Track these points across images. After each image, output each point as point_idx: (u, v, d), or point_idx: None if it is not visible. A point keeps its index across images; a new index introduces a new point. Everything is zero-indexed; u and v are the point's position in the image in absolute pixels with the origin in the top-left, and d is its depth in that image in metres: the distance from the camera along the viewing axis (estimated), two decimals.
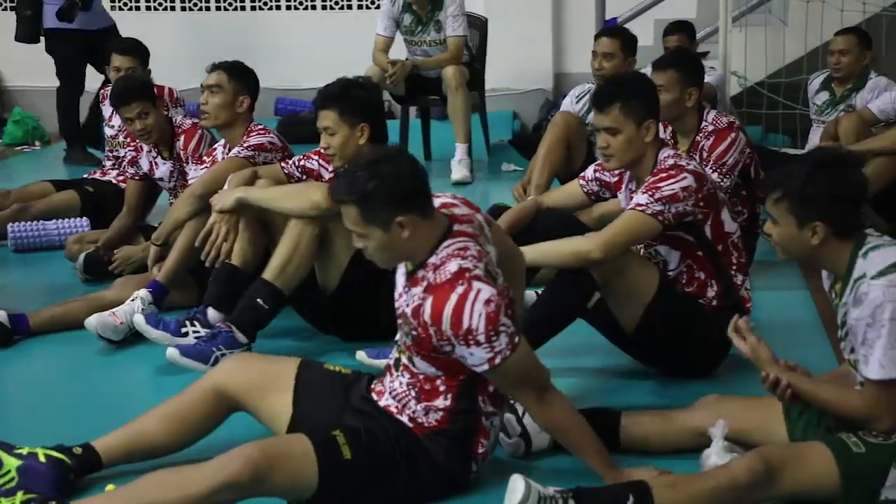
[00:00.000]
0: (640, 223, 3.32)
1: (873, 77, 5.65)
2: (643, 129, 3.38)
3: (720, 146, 4.27)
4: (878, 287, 2.54)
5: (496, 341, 2.54)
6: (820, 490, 2.55)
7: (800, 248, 2.69)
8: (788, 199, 2.64)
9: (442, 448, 2.71)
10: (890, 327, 2.52)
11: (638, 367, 3.59)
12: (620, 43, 5.27)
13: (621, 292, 3.34)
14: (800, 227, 2.65)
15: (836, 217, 2.63)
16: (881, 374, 2.55)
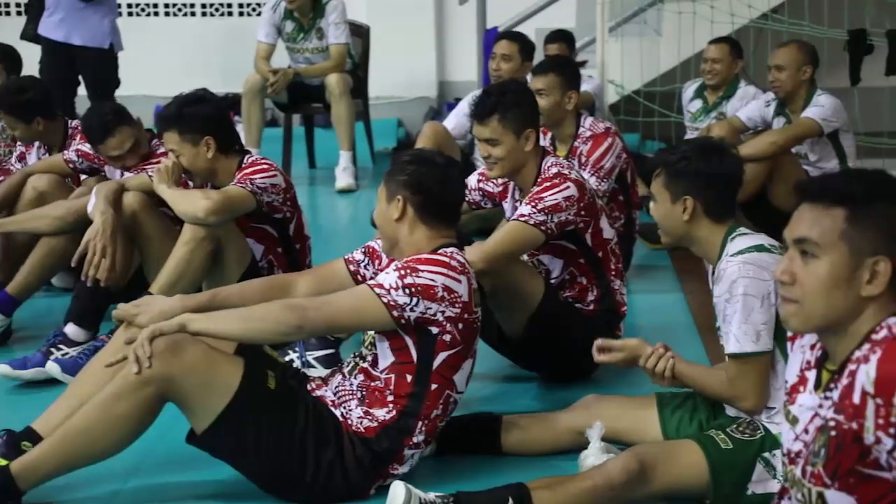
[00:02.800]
0: (523, 234, 3.38)
1: (742, 86, 5.85)
2: (522, 139, 3.44)
3: (597, 150, 4.37)
4: (734, 263, 2.65)
5: None
6: (691, 486, 2.63)
7: (674, 225, 2.79)
8: (664, 174, 2.78)
9: (356, 456, 2.72)
10: (743, 302, 2.61)
11: (519, 371, 3.64)
12: (519, 47, 5.46)
13: (508, 301, 3.39)
14: (673, 200, 2.76)
15: (707, 195, 2.74)
16: (736, 348, 2.65)
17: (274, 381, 2.72)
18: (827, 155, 5.25)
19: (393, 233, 2.84)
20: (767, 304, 2.61)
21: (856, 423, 1.73)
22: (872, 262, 1.79)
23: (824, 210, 1.83)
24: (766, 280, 2.61)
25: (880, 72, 6.24)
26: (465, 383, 2.83)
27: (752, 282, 2.61)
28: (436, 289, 2.67)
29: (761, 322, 2.61)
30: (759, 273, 2.62)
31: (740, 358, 2.66)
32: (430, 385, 2.73)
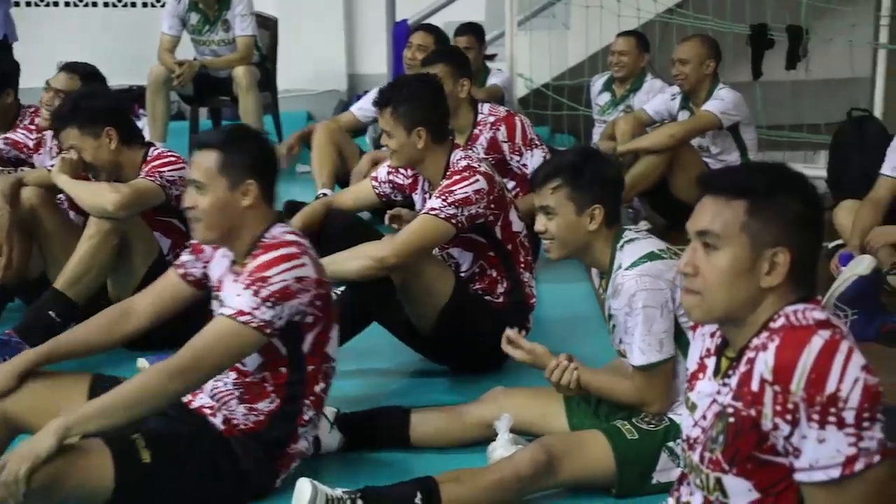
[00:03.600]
0: (433, 227, 3.37)
1: (649, 80, 5.94)
2: (414, 136, 3.44)
3: (510, 129, 4.46)
4: (630, 277, 2.67)
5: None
6: (597, 476, 2.66)
7: (577, 237, 2.77)
8: (568, 186, 2.75)
9: (251, 453, 2.67)
10: (644, 314, 2.65)
11: (429, 365, 3.64)
12: (434, 38, 5.47)
13: (418, 294, 3.39)
14: (579, 212, 2.75)
15: (609, 202, 2.76)
16: (642, 360, 2.69)
17: (145, 446, 2.53)
18: (728, 148, 5.37)
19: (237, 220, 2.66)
20: (666, 311, 2.66)
21: (754, 410, 1.76)
22: (772, 253, 1.83)
23: (726, 202, 1.85)
24: (663, 289, 2.64)
25: (781, 66, 6.39)
26: (336, 349, 2.75)
27: (650, 293, 2.64)
28: (290, 287, 2.55)
29: (662, 331, 2.66)
30: (655, 283, 2.65)
31: (647, 369, 2.70)
32: (307, 368, 2.68)
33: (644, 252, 2.70)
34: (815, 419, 1.70)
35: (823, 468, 1.71)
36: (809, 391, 1.70)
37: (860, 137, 5.60)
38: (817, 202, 1.86)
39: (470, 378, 3.52)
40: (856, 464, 1.70)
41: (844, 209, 4.77)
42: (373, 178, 3.85)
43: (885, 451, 1.72)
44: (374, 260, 3.27)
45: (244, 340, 2.54)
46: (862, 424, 1.69)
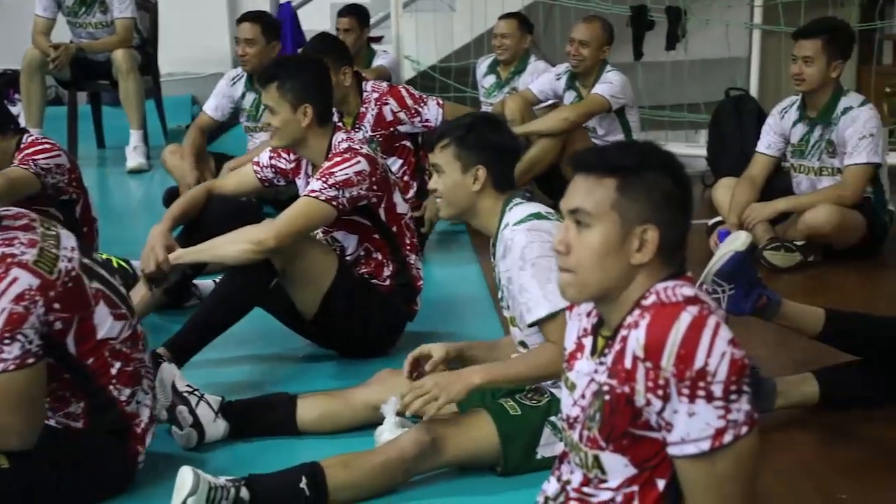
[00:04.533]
0: (314, 209, 3.35)
1: (533, 61, 5.99)
2: (299, 113, 3.41)
3: (398, 97, 4.49)
4: (519, 231, 2.66)
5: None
6: (483, 453, 2.68)
7: (462, 196, 2.78)
8: (455, 145, 2.77)
9: (100, 446, 2.60)
10: (539, 265, 2.60)
11: (316, 349, 3.62)
12: (261, 28, 5.27)
13: (301, 278, 3.36)
14: (464, 171, 2.76)
15: (496, 165, 2.76)
16: (549, 308, 2.58)
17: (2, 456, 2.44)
18: (614, 129, 5.46)
19: None
20: (554, 265, 2.60)
21: (628, 387, 1.79)
22: (641, 230, 1.85)
23: (597, 180, 1.87)
24: (550, 244, 2.62)
25: (661, 47, 6.51)
26: (113, 326, 2.55)
27: (541, 245, 2.61)
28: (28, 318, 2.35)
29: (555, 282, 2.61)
30: (544, 237, 2.62)
31: (554, 316, 2.57)
32: (86, 363, 2.52)
33: (531, 211, 2.70)
34: (685, 394, 1.73)
35: (694, 441, 1.75)
36: (679, 366, 1.73)
37: (737, 116, 5.76)
38: (685, 180, 1.89)
39: (357, 362, 3.51)
40: (725, 436, 1.74)
41: (723, 186, 4.90)
42: (255, 162, 3.80)
43: (752, 422, 1.76)
44: (254, 243, 3.24)
45: None
46: (730, 397, 1.73)
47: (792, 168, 4.71)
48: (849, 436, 2.92)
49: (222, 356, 3.48)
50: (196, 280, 3.93)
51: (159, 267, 3.38)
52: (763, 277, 3.04)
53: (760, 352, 3.25)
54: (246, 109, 5.42)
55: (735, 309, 2.87)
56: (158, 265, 3.38)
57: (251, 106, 5.39)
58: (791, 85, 4.61)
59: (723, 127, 5.82)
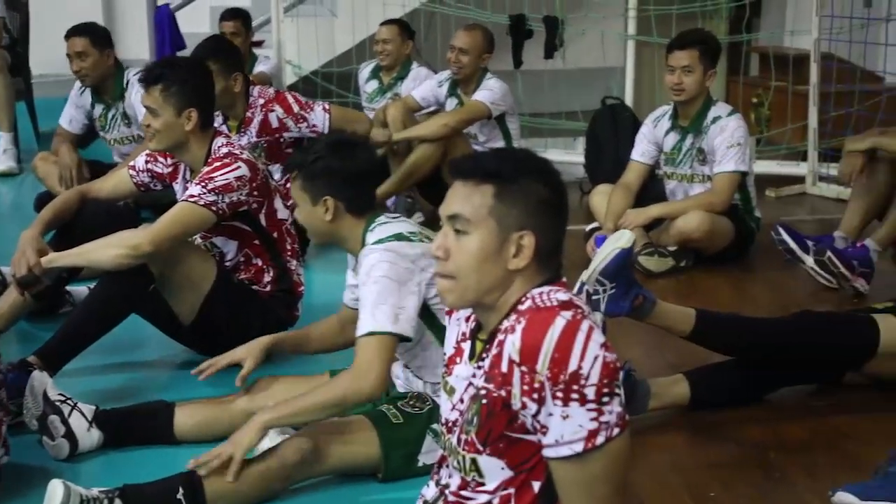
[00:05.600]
0: (192, 214, 3.31)
1: (415, 67, 6.03)
2: (183, 117, 3.37)
3: (285, 104, 4.45)
4: (375, 250, 2.65)
5: None
6: (364, 461, 2.68)
7: (319, 226, 2.78)
8: (301, 178, 2.76)
9: None
10: (381, 284, 2.59)
11: (194, 356, 3.57)
12: (90, 39, 5.15)
13: (179, 284, 3.32)
14: (314, 202, 2.75)
15: (347, 192, 2.74)
16: (372, 326, 2.55)
17: None
18: (495, 136, 5.53)
19: None
20: (407, 291, 2.59)
21: (504, 391, 1.82)
22: (518, 236, 1.88)
23: (474, 187, 1.90)
24: (407, 267, 2.61)
25: (540, 55, 6.62)
26: None
27: (391, 266, 2.60)
28: None
29: (399, 306, 2.58)
30: (397, 259, 2.61)
31: (375, 335, 2.56)
32: None
33: (393, 232, 2.69)
34: (559, 397, 1.77)
35: (568, 443, 1.79)
36: (553, 370, 1.76)
37: (613, 124, 5.90)
38: (560, 186, 1.93)
39: (237, 369, 3.43)
40: (597, 437, 1.78)
41: (599, 193, 5.01)
42: (130, 166, 3.73)
43: (624, 423, 1.81)
44: (129, 248, 3.18)
45: None
46: (602, 400, 1.77)
47: (665, 175, 4.85)
48: (718, 435, 3.01)
49: (97, 364, 3.41)
50: (70, 286, 3.84)
51: (31, 271, 3.29)
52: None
53: (635, 354, 3.33)
54: (96, 120, 5.33)
55: (615, 308, 2.93)
56: (30, 269, 3.29)
57: (100, 116, 5.30)
58: (664, 94, 4.75)
59: (599, 135, 5.96)
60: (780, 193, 5.99)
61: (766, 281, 4.54)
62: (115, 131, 5.21)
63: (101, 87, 5.20)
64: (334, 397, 2.55)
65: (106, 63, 5.12)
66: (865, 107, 6.20)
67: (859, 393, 3.23)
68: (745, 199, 4.73)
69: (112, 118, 5.21)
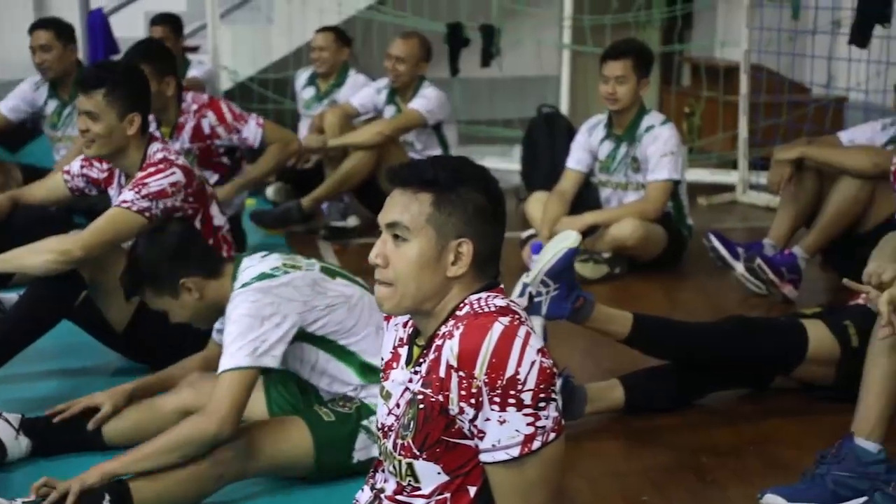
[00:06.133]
0: (124, 220, 3.28)
1: (353, 74, 6.03)
2: (126, 122, 3.33)
3: (218, 112, 4.42)
4: (239, 294, 2.68)
5: None
6: (297, 460, 2.68)
7: (197, 309, 2.82)
8: (151, 289, 2.85)
9: None
10: (241, 322, 2.61)
11: (127, 363, 3.54)
12: (55, 32, 5.13)
13: (111, 290, 3.28)
14: (175, 295, 2.80)
15: (193, 265, 2.79)
16: (231, 363, 2.58)
17: None
18: (432, 144, 5.55)
19: None
20: (270, 324, 2.62)
21: (442, 396, 1.83)
22: (456, 244, 1.90)
23: (413, 195, 1.91)
24: (268, 302, 2.64)
25: (477, 63, 6.66)
26: None
27: (251, 305, 2.63)
28: None
29: (260, 340, 2.60)
30: (259, 297, 2.64)
31: (230, 372, 2.57)
32: None
33: (256, 273, 2.72)
34: (496, 402, 1.79)
35: (504, 448, 1.80)
36: (491, 375, 1.78)
37: (549, 133, 5.95)
38: (498, 194, 1.94)
39: None
40: (533, 442, 1.80)
41: (535, 201, 5.06)
42: (65, 171, 3.69)
43: (559, 428, 1.84)
44: (59, 253, 3.14)
45: None
46: (539, 405, 1.79)
47: (600, 183, 4.91)
48: (652, 440, 3.06)
49: (26, 371, 3.37)
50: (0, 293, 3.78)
51: None
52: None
53: (572, 360, 3.37)
54: (48, 117, 5.28)
55: (556, 309, 2.96)
56: None
57: (53, 113, 5.25)
58: (599, 103, 4.80)
59: (535, 143, 6.01)
60: (711, 201, 6.09)
61: (698, 287, 4.61)
62: (68, 129, 5.15)
63: (61, 83, 5.19)
64: (179, 440, 2.53)
65: (69, 58, 5.15)
66: (793, 117, 6.34)
67: (789, 397, 3.30)
68: (678, 207, 4.81)
69: (66, 116, 5.16)
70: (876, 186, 4.06)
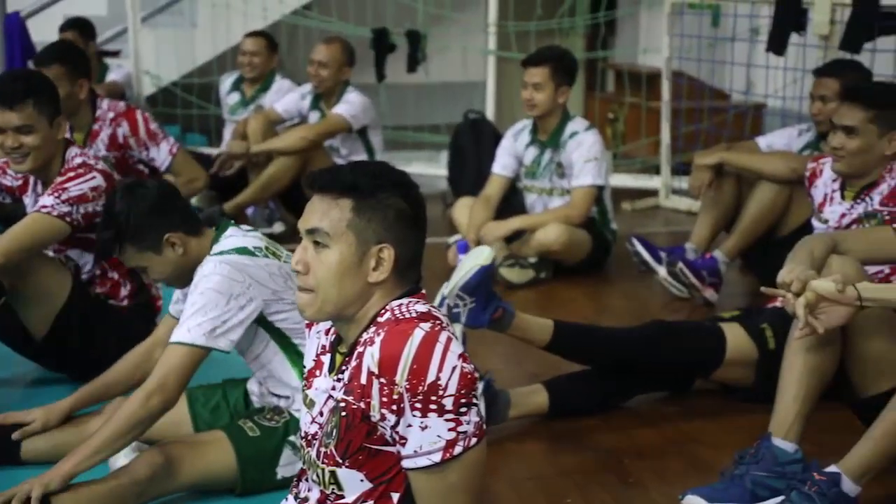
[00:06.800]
0: (44, 225, 3.22)
1: (278, 79, 6.00)
2: (55, 127, 3.28)
3: (133, 123, 4.32)
4: (212, 261, 2.64)
5: None
6: (220, 475, 2.65)
7: (180, 266, 2.74)
8: (130, 242, 2.74)
9: None
10: (207, 296, 2.57)
11: (46, 374, 3.48)
12: None
13: (31, 297, 3.23)
14: (159, 251, 2.72)
15: (175, 220, 2.72)
16: (186, 338, 2.54)
17: None
18: (357, 150, 5.54)
19: None
20: (235, 305, 2.58)
21: (363, 403, 1.83)
22: (377, 249, 1.90)
23: (333, 201, 1.91)
24: (239, 281, 2.60)
25: (403, 69, 6.67)
26: None
27: (223, 280, 2.58)
28: None
29: (220, 319, 2.57)
30: (232, 273, 2.60)
31: (184, 346, 2.54)
32: None
33: (236, 245, 2.68)
34: (418, 408, 1.79)
35: (426, 454, 1.81)
36: (412, 381, 1.78)
37: (475, 138, 5.98)
38: (418, 199, 1.95)
39: None
40: (455, 447, 1.81)
41: (462, 206, 5.08)
42: None
43: (481, 433, 1.84)
44: None
45: None
46: (460, 410, 1.80)
47: (525, 188, 4.94)
48: (575, 443, 3.08)
49: None
50: None
51: None
52: (499, 293, 3.18)
53: (495, 365, 3.39)
54: None
55: (474, 321, 2.98)
56: None
57: None
58: (524, 109, 4.84)
59: (462, 148, 6.03)
60: (635, 206, 6.17)
61: (622, 291, 4.67)
62: None
63: None
64: (130, 422, 2.48)
65: None
66: (714, 123, 6.46)
67: (709, 398, 3.35)
68: (602, 212, 4.86)
69: None
70: (793, 191, 4.15)
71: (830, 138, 3.39)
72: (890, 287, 2.51)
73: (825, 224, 3.48)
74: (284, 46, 7.00)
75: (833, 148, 3.37)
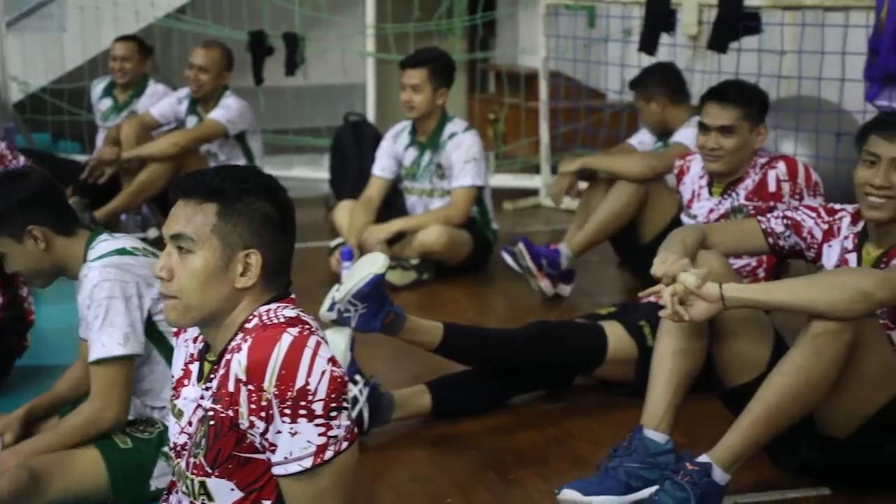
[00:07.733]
0: None
1: (152, 84, 5.88)
2: None
3: None
4: (94, 268, 2.60)
5: None
6: (91, 489, 2.59)
7: (39, 261, 2.68)
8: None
9: None
10: (107, 305, 2.56)
11: None
12: None
13: None
14: (20, 241, 2.65)
15: (46, 214, 2.65)
16: (103, 353, 2.56)
17: None
18: (235, 155, 5.47)
19: None
20: (133, 306, 2.59)
21: (232, 411, 1.80)
22: (244, 254, 1.87)
23: (197, 206, 1.87)
24: (129, 282, 2.59)
25: (281, 72, 6.60)
26: None
27: (113, 284, 2.57)
28: None
29: (128, 324, 2.58)
30: (120, 275, 2.59)
31: (107, 363, 2.57)
32: None
33: (115, 247, 2.65)
34: (287, 413, 1.76)
35: (297, 459, 1.78)
36: (280, 387, 1.76)
37: (357, 141, 5.96)
38: (286, 202, 1.92)
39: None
40: (326, 452, 1.79)
41: (343, 209, 5.05)
42: None
43: (352, 436, 1.83)
44: None
45: None
46: (330, 414, 1.78)
47: (406, 190, 4.94)
48: (457, 444, 3.09)
49: None
50: None
51: None
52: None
53: (379, 367, 3.37)
54: None
55: (365, 326, 2.96)
56: None
57: None
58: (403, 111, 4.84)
59: (343, 151, 6.00)
60: (516, 206, 6.22)
61: (504, 291, 4.69)
62: None
63: None
64: (73, 436, 2.56)
65: None
66: (590, 122, 6.55)
67: (589, 395, 3.39)
68: (483, 212, 4.89)
69: None
70: (654, 192, 4.22)
71: (703, 141, 3.49)
72: (753, 287, 2.58)
73: (694, 220, 3.56)
74: (158, 50, 6.85)
75: (710, 149, 3.47)
